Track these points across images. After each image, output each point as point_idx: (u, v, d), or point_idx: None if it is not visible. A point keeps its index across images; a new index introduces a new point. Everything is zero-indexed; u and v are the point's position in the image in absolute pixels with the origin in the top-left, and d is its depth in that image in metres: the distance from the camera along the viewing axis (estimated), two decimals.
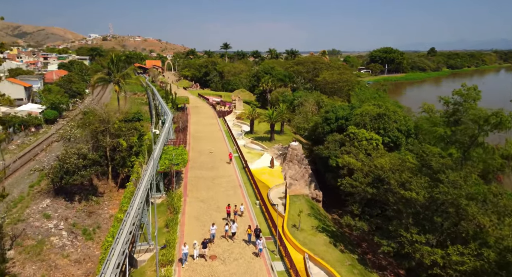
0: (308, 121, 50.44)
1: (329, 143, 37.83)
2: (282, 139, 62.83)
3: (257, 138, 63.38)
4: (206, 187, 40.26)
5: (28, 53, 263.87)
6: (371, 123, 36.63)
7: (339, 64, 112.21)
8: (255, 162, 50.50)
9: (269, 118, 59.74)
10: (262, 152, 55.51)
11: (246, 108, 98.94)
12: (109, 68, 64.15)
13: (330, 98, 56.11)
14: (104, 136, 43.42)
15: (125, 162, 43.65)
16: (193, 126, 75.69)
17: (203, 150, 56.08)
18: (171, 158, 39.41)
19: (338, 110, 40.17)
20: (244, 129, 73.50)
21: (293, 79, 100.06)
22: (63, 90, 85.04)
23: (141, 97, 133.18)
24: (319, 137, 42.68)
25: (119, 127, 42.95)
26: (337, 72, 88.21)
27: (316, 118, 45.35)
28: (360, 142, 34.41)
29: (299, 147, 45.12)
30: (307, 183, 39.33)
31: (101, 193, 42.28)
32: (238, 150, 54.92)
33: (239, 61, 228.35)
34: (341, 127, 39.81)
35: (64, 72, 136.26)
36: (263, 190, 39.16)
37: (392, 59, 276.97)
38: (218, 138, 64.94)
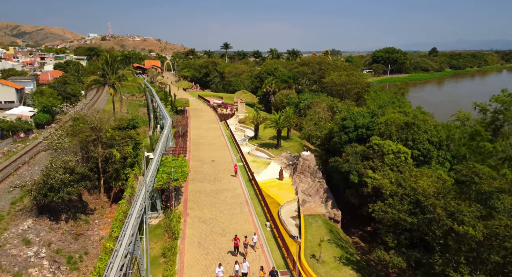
0: (320, 128, 46.02)
1: (348, 156, 33.40)
2: (289, 146, 58.47)
3: (263, 145, 59.02)
4: (209, 204, 35.88)
5: (25, 53, 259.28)
6: (398, 133, 32.29)
7: (345, 65, 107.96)
8: (262, 172, 46.13)
9: (276, 123, 55.37)
10: (268, 161, 51.15)
11: (249, 111, 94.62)
12: (103, 70, 59.75)
13: (343, 103, 51.70)
14: (96, 146, 39.06)
15: (119, 174, 39.29)
16: (194, 131, 71.35)
17: (204, 159, 51.73)
18: (170, 171, 35.08)
19: (357, 118, 35.77)
20: (248, 134, 69.18)
21: (298, 81, 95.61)
22: (56, 92, 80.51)
23: (139, 99, 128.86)
24: (334, 147, 38.26)
25: (112, 136, 38.57)
26: (345, 74, 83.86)
27: (330, 126, 40.97)
28: (386, 156, 30.08)
29: (311, 157, 40.71)
30: (322, 200, 34.98)
31: (92, 210, 37.88)
32: (243, 158, 50.56)
33: (240, 61, 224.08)
34: (362, 137, 35.43)
35: (60, 72, 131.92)
36: (273, 206, 34.80)
37: (394, 59, 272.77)
38: (220, 144, 60.57)
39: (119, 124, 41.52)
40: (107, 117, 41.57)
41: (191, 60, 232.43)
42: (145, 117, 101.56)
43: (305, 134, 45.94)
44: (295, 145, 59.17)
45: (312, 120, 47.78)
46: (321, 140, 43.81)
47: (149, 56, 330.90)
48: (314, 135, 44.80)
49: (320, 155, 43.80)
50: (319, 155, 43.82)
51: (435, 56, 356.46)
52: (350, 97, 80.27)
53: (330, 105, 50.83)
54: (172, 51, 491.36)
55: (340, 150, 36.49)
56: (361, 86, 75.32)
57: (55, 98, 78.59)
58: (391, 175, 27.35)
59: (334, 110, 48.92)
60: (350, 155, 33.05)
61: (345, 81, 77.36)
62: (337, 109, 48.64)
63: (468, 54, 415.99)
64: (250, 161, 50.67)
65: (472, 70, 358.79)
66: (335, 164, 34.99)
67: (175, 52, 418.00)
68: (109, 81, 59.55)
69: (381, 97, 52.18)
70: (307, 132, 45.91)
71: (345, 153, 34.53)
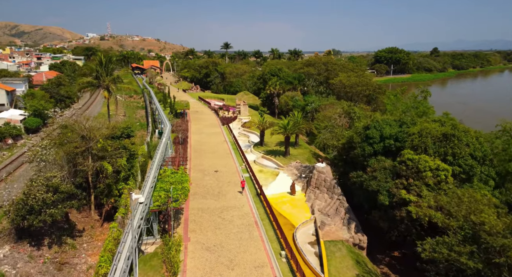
0: (337, 136, 41.40)
1: (375, 171, 28.98)
2: (298, 153, 54.05)
3: (269, 152, 54.60)
4: (213, 225, 31.44)
5: (21, 52, 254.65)
6: (435, 146, 27.92)
7: (352, 65, 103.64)
8: (270, 185, 41.72)
9: (284, 129, 50.96)
10: (276, 171, 46.73)
11: (252, 114, 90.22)
12: (97, 71, 55.27)
13: (359, 107, 47.24)
14: (85, 158, 34.61)
15: (111, 190, 34.87)
16: (195, 136, 66.94)
17: (207, 169, 47.29)
18: (168, 188, 30.67)
19: (383, 127, 31.35)
20: (252, 140, 64.77)
21: (303, 82, 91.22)
22: (47, 94, 76.01)
23: (137, 100, 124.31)
24: (356, 160, 33.79)
25: (104, 146, 34.11)
26: (354, 74, 79.56)
27: (349, 134, 36.53)
28: (422, 174, 25.73)
29: (327, 170, 36.28)
30: (344, 221, 30.59)
31: (80, 231, 33.44)
32: (249, 169, 46.14)
33: (241, 61, 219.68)
34: (389, 149, 31.03)
35: (56, 73, 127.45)
36: (286, 228, 30.37)
37: (397, 59, 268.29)
38: (223, 151, 56.13)
39: (112, 132, 37.04)
40: (98, 124, 37.08)
41: (190, 60, 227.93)
42: (143, 120, 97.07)
43: (319, 143, 41.32)
44: (304, 153, 54.75)
45: (326, 128, 43.16)
46: (338, 150, 39.33)
47: (148, 56, 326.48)
48: (330, 145, 40.18)
49: (336, 166, 39.34)
50: (335, 166, 39.34)
51: (437, 56, 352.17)
52: (359, 99, 75.91)
53: (347, 110, 46.29)
54: (171, 51, 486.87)
55: (363, 163, 32.08)
56: (372, 88, 70.92)
57: (47, 101, 74.15)
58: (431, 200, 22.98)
59: (352, 116, 44.41)
60: (378, 171, 28.63)
61: (355, 83, 72.93)
62: (354, 115, 44.14)
63: (470, 54, 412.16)
64: (257, 171, 46.27)
65: (475, 70, 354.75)
66: (358, 180, 30.61)
67: (174, 52, 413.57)
68: (103, 83, 55.03)
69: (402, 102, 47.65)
70: (321, 141, 41.28)
71: (370, 167, 30.15)
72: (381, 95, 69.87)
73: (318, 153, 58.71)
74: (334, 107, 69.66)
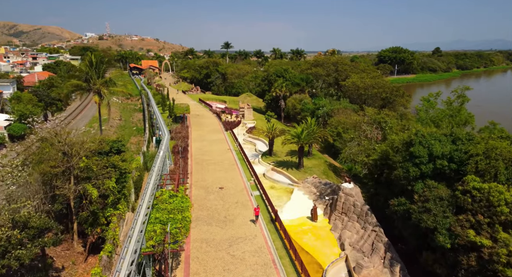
0: (366, 151, 35.29)
1: (427, 201, 23.02)
2: (312, 165, 48.11)
3: (280, 164, 48.67)
4: (220, 266, 25.49)
5: (16, 52, 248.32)
6: (508, 172, 22.14)
7: (364, 66, 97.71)
8: (285, 206, 35.80)
9: (297, 138, 45.02)
10: (290, 187, 40.80)
11: (256, 117, 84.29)
12: (87, 73, 49.27)
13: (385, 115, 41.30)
14: (66, 179, 28.67)
15: (97, 218, 28.89)
16: (196, 143, 60.98)
17: (210, 185, 41.35)
18: (166, 220, 24.77)
19: (432, 143, 25.39)
20: (259, 148, 58.80)
21: (312, 84, 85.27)
22: (35, 98, 69.97)
23: (135, 103, 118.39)
24: (395, 183, 27.81)
25: (88, 166, 28.15)
26: (368, 76, 73.68)
27: (381, 148, 30.57)
28: (496, 209, 19.91)
29: (356, 192, 30.38)
30: (384, 262, 24.69)
31: (59, 270, 27.47)
32: (259, 186, 40.22)
33: (242, 61, 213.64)
34: (441, 172, 25.13)
35: (49, 74, 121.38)
36: (311, 269, 24.49)
37: (402, 59, 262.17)
38: (228, 162, 50.19)
39: (99, 148, 31.05)
40: (83, 137, 31.12)
41: (190, 60, 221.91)
42: (140, 124, 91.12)
43: (346, 158, 35.18)
44: (319, 164, 48.81)
45: (353, 140, 37.00)
46: (368, 167, 33.37)
47: (146, 56, 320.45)
48: (359, 161, 34.08)
49: (365, 185, 33.31)
50: (364, 186, 33.27)
51: (440, 56, 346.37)
52: (374, 103, 70.01)
53: (375, 119, 40.21)
54: (171, 50, 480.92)
55: (406, 188, 26.17)
56: (389, 90, 65.00)
57: (35, 105, 68.13)
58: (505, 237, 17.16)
59: (383, 126, 38.36)
60: (431, 202, 22.70)
61: (370, 85, 66.99)
62: (386, 125, 38.08)
63: (473, 54, 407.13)
64: (268, 188, 40.32)
65: (479, 70, 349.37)
66: (401, 208, 24.72)
67: (173, 52, 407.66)
68: (94, 86, 49.04)
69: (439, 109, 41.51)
70: (348, 156, 35.15)
71: (417, 194, 24.25)
72: (399, 98, 64.02)
73: (334, 164, 52.80)
74: (347, 112, 63.87)
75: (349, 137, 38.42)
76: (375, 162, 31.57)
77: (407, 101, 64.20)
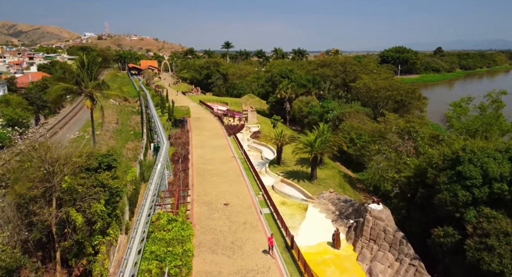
0: (396, 165, 30.63)
1: (487, 236, 18.65)
2: (326, 176, 43.74)
3: (290, 174, 44.26)
4: None
5: (13, 52, 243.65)
6: None
7: (373, 66, 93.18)
8: (301, 227, 31.39)
9: (310, 147, 40.60)
10: (304, 203, 36.39)
11: (260, 121, 79.88)
12: (77, 75, 44.80)
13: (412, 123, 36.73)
14: (47, 202, 24.25)
15: (83, 247, 24.43)
16: (197, 150, 56.52)
17: (214, 200, 36.91)
18: (163, 254, 20.42)
19: (486, 161, 20.97)
20: (265, 156, 54.37)
21: (319, 85, 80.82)
22: (25, 101, 65.49)
23: (133, 105, 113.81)
24: (439, 208, 23.31)
25: (71, 187, 23.70)
26: (381, 77, 69.30)
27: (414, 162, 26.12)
28: None
29: (387, 215, 25.92)
30: None
31: None
32: (269, 201, 35.79)
33: (243, 61, 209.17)
34: (500, 198, 20.75)
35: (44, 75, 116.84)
36: None
37: (405, 59, 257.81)
38: (233, 173, 45.73)
39: (86, 164, 26.57)
40: (67, 150, 26.65)
41: (190, 60, 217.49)
42: (138, 127, 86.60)
43: (373, 174, 30.48)
44: (333, 175, 44.42)
45: (380, 153, 32.42)
46: (400, 186, 28.84)
47: (146, 56, 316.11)
48: (388, 178, 29.48)
49: (395, 207, 28.76)
50: (393, 206, 28.72)
51: (443, 56, 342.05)
52: (385, 106, 65.64)
53: (404, 127, 35.46)
54: (170, 50, 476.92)
55: (453, 215, 21.79)
56: (404, 93, 60.57)
57: (24, 108, 63.64)
58: None
59: (413, 137, 33.65)
60: (493, 237, 18.35)
61: (383, 86, 62.52)
62: (417, 135, 33.41)
63: (475, 54, 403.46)
64: (278, 203, 35.92)
65: (482, 70, 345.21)
66: (448, 241, 20.36)
67: (173, 52, 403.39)
68: (86, 90, 44.59)
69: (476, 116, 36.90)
70: (376, 172, 30.45)
71: (469, 224, 19.92)
72: (414, 101, 59.59)
73: (348, 174, 48.40)
74: (359, 116, 59.49)
75: (375, 149, 33.78)
76: (408, 180, 27.22)
77: (424, 104, 59.80)
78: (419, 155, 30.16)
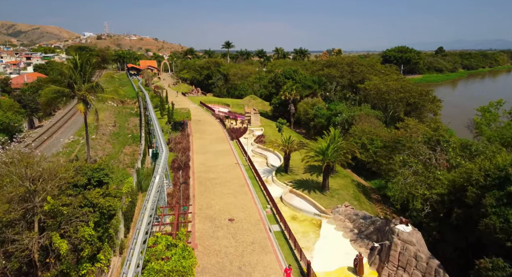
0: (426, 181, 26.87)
1: None
2: (338, 185, 40.43)
3: (299, 184, 40.95)
4: None
5: (10, 52, 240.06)
6: None
7: (381, 66, 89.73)
8: (316, 248, 28.00)
9: (322, 156, 37.28)
10: (317, 219, 33.03)
11: (264, 123, 76.55)
12: (70, 77, 41.45)
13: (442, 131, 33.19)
14: (28, 225, 20.96)
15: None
16: (198, 156, 53.22)
17: (217, 215, 33.59)
18: None
19: None
20: (271, 163, 51.00)
21: (325, 86, 77.45)
22: (17, 104, 62.09)
23: (131, 106, 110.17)
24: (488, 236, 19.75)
25: (54, 209, 20.38)
26: (392, 78, 65.96)
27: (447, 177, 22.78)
28: None
29: (418, 239, 22.57)
30: None
31: None
32: (278, 216, 32.49)
33: (244, 61, 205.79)
34: None
35: (41, 75, 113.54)
36: None
37: (408, 59, 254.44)
38: (237, 182, 42.43)
39: (73, 180, 23.24)
40: (49, 167, 23.27)
41: (190, 60, 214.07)
42: (136, 130, 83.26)
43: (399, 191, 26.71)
44: (346, 185, 41.11)
45: (406, 166, 28.81)
46: (431, 204, 25.33)
47: (145, 56, 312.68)
48: (418, 196, 25.85)
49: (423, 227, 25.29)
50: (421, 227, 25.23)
51: (444, 56, 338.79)
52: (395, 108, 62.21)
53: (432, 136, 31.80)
54: (170, 50, 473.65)
55: (504, 243, 18.51)
56: (417, 95, 57.20)
57: (16, 111, 60.31)
58: None
59: (445, 148, 30.05)
60: None
61: (395, 88, 59.08)
62: (448, 145, 29.89)
63: (477, 53, 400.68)
64: (288, 218, 32.62)
65: (484, 70, 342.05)
66: (498, 275, 17.11)
67: (172, 52, 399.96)
68: (79, 92, 41.22)
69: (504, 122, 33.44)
70: (403, 188, 26.68)
71: None
72: (428, 103, 56.22)
73: (362, 184, 45.06)
74: (370, 119, 56.17)
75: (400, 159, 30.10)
76: (441, 197, 23.90)
77: (438, 107, 56.36)
78: (451, 169, 26.78)
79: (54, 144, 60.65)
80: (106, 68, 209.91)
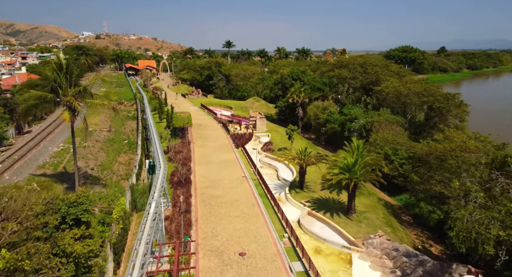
0: (498, 217, 20.96)
1: None
2: (364, 206, 34.90)
3: (317, 204, 35.40)
4: None
5: (5, 52, 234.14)
6: None
7: (396, 67, 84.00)
8: None
9: (349, 173, 31.73)
10: (346, 252, 27.41)
11: (270, 128, 70.97)
12: (54, 80, 35.89)
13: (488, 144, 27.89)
14: None
15: None
16: (200, 168, 47.55)
17: (225, 246, 27.95)
18: None
19: None
20: (283, 176, 45.24)
21: (337, 88, 71.94)
22: (1, 109, 56.49)
23: (128, 109, 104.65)
24: None
25: (9, 267, 14.84)
26: (413, 80, 60.50)
27: None
28: None
29: None
30: None
31: None
32: (300, 250, 26.89)
33: (245, 61, 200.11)
34: None
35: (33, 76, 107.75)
36: None
37: (412, 59, 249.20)
38: (246, 202, 36.75)
39: (41, 220, 17.65)
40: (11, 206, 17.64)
41: (190, 60, 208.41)
42: (133, 136, 77.75)
43: (466, 231, 20.53)
44: (373, 205, 35.56)
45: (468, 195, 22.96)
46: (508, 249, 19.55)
47: (144, 56, 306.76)
48: (490, 237, 20.02)
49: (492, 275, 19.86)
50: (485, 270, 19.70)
51: (447, 55, 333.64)
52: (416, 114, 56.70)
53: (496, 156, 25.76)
54: (169, 50, 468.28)
55: None
56: (442, 99, 51.61)
57: (0, 117, 54.79)
58: None
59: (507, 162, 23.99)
60: None
61: (417, 92, 53.51)
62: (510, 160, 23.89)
63: (481, 53, 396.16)
64: (311, 251, 27.03)
65: (489, 70, 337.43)
66: None
67: (171, 51, 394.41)
68: (64, 98, 35.66)
69: None
70: (471, 228, 20.51)
71: None
72: (454, 108, 50.67)
73: (390, 202, 39.50)
74: (391, 126, 50.64)
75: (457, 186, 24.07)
76: None
77: (465, 112, 50.81)
78: None
79: (41, 153, 55.14)
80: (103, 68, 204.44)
